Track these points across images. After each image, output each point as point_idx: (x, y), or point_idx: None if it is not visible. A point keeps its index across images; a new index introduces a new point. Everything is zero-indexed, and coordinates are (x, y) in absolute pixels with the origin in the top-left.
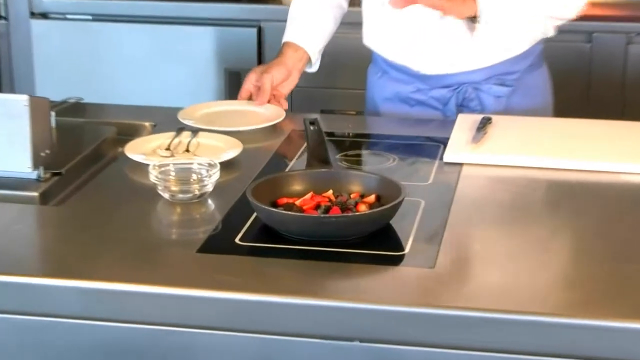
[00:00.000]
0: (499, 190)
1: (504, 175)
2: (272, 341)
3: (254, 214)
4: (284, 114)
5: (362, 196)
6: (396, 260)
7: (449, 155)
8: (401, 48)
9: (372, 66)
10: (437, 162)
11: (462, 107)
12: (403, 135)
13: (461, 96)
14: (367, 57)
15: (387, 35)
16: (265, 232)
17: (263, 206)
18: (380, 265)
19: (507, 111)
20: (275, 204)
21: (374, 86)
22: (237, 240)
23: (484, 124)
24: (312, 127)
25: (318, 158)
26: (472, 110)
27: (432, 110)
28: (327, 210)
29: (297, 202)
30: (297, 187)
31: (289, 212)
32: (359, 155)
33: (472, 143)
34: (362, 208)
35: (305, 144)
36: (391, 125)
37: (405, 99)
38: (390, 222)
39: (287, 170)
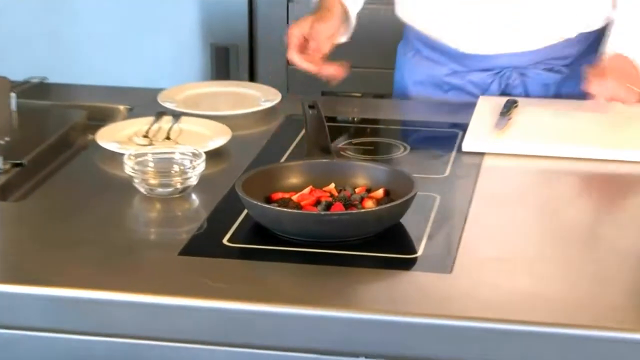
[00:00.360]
0: (525, 184)
1: (531, 167)
2: (265, 357)
3: (245, 211)
4: (279, 96)
5: (369, 190)
6: (408, 264)
7: (469, 144)
8: (438, 20)
9: (403, 44)
10: (454, 152)
11: (504, 95)
12: (416, 121)
13: (504, 82)
14: (376, 32)
15: (424, 5)
16: (258, 231)
17: (255, 202)
18: (389, 269)
19: None
20: (269, 200)
21: (403, 67)
22: (225, 241)
23: (509, 107)
24: (310, 111)
25: (318, 146)
26: None
27: (469, 97)
28: (328, 206)
29: (294, 198)
30: (294, 180)
31: (285, 209)
32: (365, 144)
33: (495, 129)
34: (369, 204)
35: (303, 131)
36: (402, 109)
37: (439, 83)
38: (401, 220)
39: (282, 160)
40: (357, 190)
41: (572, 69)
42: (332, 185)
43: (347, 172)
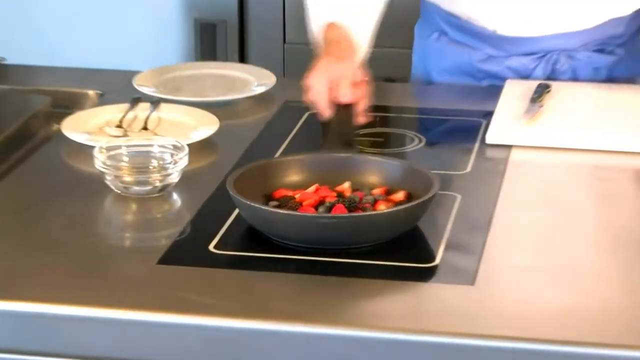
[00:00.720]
0: (559, 182)
1: (565, 161)
2: None
3: (234, 213)
4: (274, 79)
5: (389, 192)
6: (424, 275)
7: (494, 135)
8: None
9: (422, 24)
10: (478, 144)
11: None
12: (433, 108)
13: (549, 67)
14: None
15: None
16: (250, 236)
17: (247, 201)
18: (402, 281)
19: None
20: (270, 198)
21: (425, 52)
22: (211, 247)
23: (540, 92)
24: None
25: (340, 139)
26: None
27: None
28: (330, 208)
29: (298, 196)
30: (298, 176)
31: (278, 210)
32: (374, 135)
33: (525, 118)
34: (381, 208)
35: (304, 117)
36: (417, 95)
37: (471, 70)
38: (417, 224)
39: (278, 154)
40: (374, 191)
41: (627, 49)
42: (347, 184)
43: (354, 169)
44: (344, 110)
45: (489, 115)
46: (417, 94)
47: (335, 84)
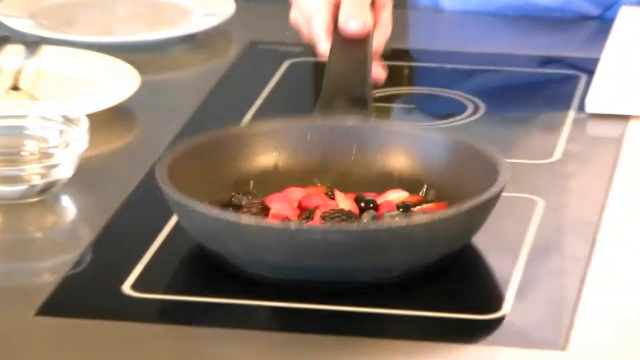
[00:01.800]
0: None
1: None
2: None
3: (169, 225)
4: (231, 6)
5: (414, 188)
6: (484, 333)
7: (597, 100)
8: None
9: None
10: (571, 114)
11: None
12: (498, 54)
13: None
14: None
15: None
16: (194, 267)
17: (189, 203)
18: (445, 342)
19: None
20: (226, 197)
21: None
22: (126, 288)
23: None
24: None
25: (346, 93)
26: None
27: (584, 9)
28: (329, 214)
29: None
30: (269, 161)
31: (240, 217)
32: (398, 98)
33: None
34: (413, 215)
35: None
36: (470, 31)
37: None
38: (470, 244)
39: (242, 124)
40: (391, 187)
41: None
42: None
43: (373, 147)
44: (351, 48)
45: (586, 67)
46: (468, 29)
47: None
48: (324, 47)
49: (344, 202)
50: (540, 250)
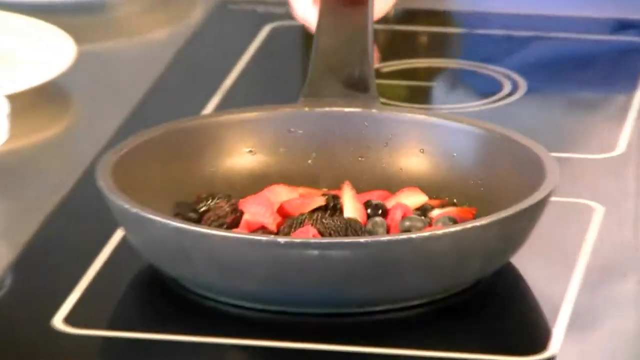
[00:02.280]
0: None
1: None
2: None
3: (113, 240)
4: None
5: (435, 194)
6: None
7: None
8: None
9: None
10: (638, 94)
11: None
12: (538, 16)
13: None
14: None
15: None
16: (145, 294)
17: (143, 211)
18: None
19: None
20: (190, 202)
21: None
22: (57, 322)
23: None
24: None
25: (341, 74)
26: None
27: None
28: (329, 228)
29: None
30: (245, 158)
31: (188, 229)
32: (412, 74)
33: None
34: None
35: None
36: None
37: None
38: (509, 263)
39: (206, 110)
40: (405, 189)
41: None
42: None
43: (380, 140)
44: (347, 12)
45: None
46: None
47: None
48: (307, 10)
49: (352, 205)
50: (599, 272)
